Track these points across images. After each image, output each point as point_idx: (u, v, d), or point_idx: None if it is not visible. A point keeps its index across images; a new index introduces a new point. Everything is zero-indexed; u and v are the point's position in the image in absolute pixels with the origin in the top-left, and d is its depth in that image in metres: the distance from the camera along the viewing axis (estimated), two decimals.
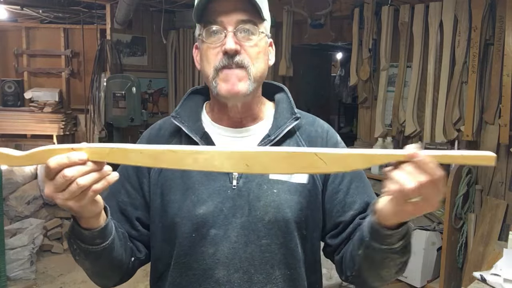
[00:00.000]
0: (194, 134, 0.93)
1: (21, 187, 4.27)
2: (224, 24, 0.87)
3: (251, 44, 0.89)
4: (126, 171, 0.97)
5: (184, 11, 4.65)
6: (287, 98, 1.01)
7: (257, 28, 0.90)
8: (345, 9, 3.38)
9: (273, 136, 0.93)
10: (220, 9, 0.88)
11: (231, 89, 0.87)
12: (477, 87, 2.58)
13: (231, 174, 0.92)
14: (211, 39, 0.89)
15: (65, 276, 3.62)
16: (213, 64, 0.88)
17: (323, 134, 1.00)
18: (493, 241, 2.46)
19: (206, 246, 0.89)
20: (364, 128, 3.33)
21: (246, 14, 0.88)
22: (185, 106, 0.99)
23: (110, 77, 4.22)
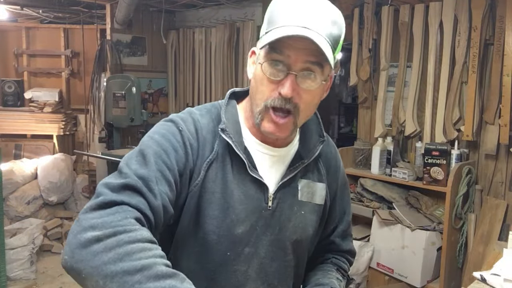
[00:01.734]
0: (241, 153, 0.91)
1: (21, 187, 4.27)
2: (290, 60, 0.82)
3: (310, 91, 0.85)
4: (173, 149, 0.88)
5: (184, 11, 4.65)
6: (316, 118, 1.02)
7: (322, 72, 0.85)
8: (345, 9, 3.38)
9: (306, 159, 0.98)
10: (292, 43, 0.81)
11: (274, 132, 0.88)
12: (477, 87, 2.58)
13: (267, 194, 0.95)
14: (272, 71, 0.84)
15: (65, 276, 3.62)
16: (266, 98, 0.86)
17: (335, 155, 1.09)
18: (493, 241, 2.46)
19: (240, 264, 0.93)
20: (364, 128, 3.33)
21: (316, 56, 0.82)
22: (228, 115, 0.94)
23: (110, 77, 4.22)
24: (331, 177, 1.05)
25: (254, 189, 0.93)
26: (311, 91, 0.86)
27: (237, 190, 0.92)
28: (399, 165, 2.85)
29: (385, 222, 2.77)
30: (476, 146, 2.69)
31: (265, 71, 0.84)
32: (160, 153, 0.85)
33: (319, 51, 0.81)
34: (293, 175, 0.96)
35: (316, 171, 1.02)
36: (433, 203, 2.86)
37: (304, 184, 0.99)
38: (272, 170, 0.96)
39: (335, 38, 0.85)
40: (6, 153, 4.55)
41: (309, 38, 0.79)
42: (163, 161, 0.85)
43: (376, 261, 2.85)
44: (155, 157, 0.84)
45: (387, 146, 2.95)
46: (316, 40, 0.79)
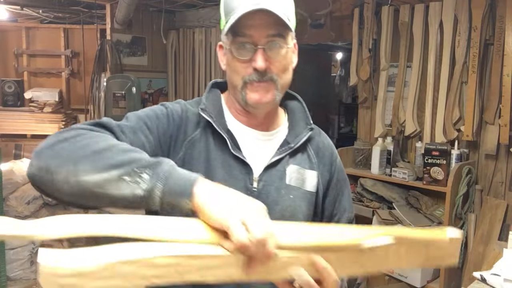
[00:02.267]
0: (222, 131, 0.95)
1: (21, 187, 4.27)
2: (254, 38, 0.89)
3: (280, 59, 0.92)
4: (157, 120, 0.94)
5: (184, 11, 4.65)
6: (302, 107, 1.07)
7: (285, 40, 0.92)
8: (345, 9, 3.38)
9: (292, 143, 1.00)
10: (250, 22, 0.88)
11: (260, 100, 0.92)
12: (477, 87, 2.58)
13: (252, 175, 0.96)
14: (240, 53, 0.90)
15: None
16: (242, 76, 0.92)
17: (328, 147, 1.08)
18: (493, 241, 2.46)
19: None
20: (364, 128, 3.33)
21: (275, 28, 0.89)
22: (209, 100, 1.01)
23: (110, 77, 4.22)
24: (323, 167, 1.05)
25: (238, 169, 0.95)
26: (281, 59, 0.92)
27: (220, 169, 0.94)
28: (399, 165, 2.85)
29: (385, 222, 2.77)
30: (476, 146, 2.69)
31: (235, 54, 0.91)
32: (142, 116, 0.93)
33: (276, 22, 0.88)
34: (280, 158, 0.98)
35: (307, 158, 1.03)
36: (433, 203, 2.86)
37: (293, 170, 0.99)
38: (259, 153, 0.98)
39: (286, 7, 0.90)
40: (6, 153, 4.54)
41: (263, 9, 0.85)
42: (144, 121, 0.92)
43: None
44: (136, 117, 0.93)
45: (387, 146, 2.95)
46: (270, 9, 0.85)
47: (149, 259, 0.58)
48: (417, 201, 2.83)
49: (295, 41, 0.99)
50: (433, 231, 0.81)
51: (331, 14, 3.46)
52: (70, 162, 0.71)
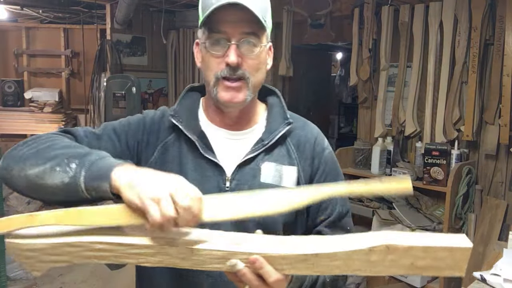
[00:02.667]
0: (191, 133, 0.97)
1: None
2: (228, 35, 0.90)
3: (253, 57, 0.92)
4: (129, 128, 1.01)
5: (184, 11, 4.65)
6: (280, 102, 1.06)
7: (260, 39, 0.93)
8: (345, 9, 3.38)
9: (266, 141, 0.99)
10: (226, 18, 0.90)
11: (231, 100, 0.93)
12: (477, 87, 2.58)
13: (224, 175, 0.96)
14: (214, 48, 0.92)
15: (65, 276, 3.62)
16: (215, 72, 0.92)
17: (311, 139, 1.04)
18: (493, 241, 2.46)
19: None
20: (364, 128, 3.33)
21: (250, 26, 0.91)
22: (182, 104, 1.03)
23: (110, 77, 4.22)
24: (304, 161, 1.02)
25: (211, 171, 0.96)
26: (254, 57, 0.93)
27: (193, 172, 0.95)
28: (399, 165, 2.85)
29: (385, 222, 2.77)
30: (476, 146, 2.69)
31: (209, 49, 0.92)
32: (114, 124, 1.01)
33: (250, 20, 0.89)
34: (253, 156, 0.98)
35: (286, 154, 1.01)
36: (433, 203, 2.86)
37: (269, 166, 0.98)
38: (232, 152, 0.99)
39: (262, 7, 0.92)
40: None
41: (236, 3, 0.86)
42: (113, 128, 0.99)
43: None
44: (106, 125, 1.00)
45: (387, 146, 2.95)
46: (244, 4, 0.87)
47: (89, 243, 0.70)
48: (417, 201, 2.83)
49: (271, 44, 1.00)
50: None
51: (331, 14, 3.46)
52: (21, 160, 0.83)
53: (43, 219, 0.72)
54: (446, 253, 0.71)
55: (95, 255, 0.72)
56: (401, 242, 0.71)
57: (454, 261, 0.71)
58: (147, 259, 0.72)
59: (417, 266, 0.72)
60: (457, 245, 0.71)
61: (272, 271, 0.72)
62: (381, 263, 0.72)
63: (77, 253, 0.71)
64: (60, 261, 0.72)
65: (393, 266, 0.72)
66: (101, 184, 0.76)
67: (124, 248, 0.72)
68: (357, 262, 0.72)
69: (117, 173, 0.75)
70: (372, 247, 0.71)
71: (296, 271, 0.74)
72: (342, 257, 0.72)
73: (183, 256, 0.73)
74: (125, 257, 0.72)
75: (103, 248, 0.71)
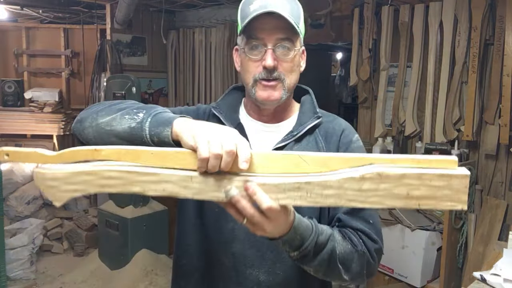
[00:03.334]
0: (229, 124, 1.06)
1: (21, 187, 4.27)
2: (265, 41, 0.99)
3: (287, 60, 1.01)
4: None
5: (184, 11, 4.65)
6: (311, 99, 1.16)
7: (293, 44, 1.01)
8: (345, 9, 3.38)
9: (295, 132, 1.07)
10: (262, 26, 0.99)
11: (268, 98, 1.02)
12: (477, 87, 2.58)
13: None
14: (252, 53, 1.01)
15: (65, 276, 3.62)
16: (253, 74, 1.02)
17: (339, 131, 1.10)
18: (493, 241, 2.46)
19: (226, 221, 1.02)
20: (364, 128, 3.33)
21: (285, 32, 0.99)
22: (225, 100, 1.15)
23: (110, 77, 4.22)
24: (329, 151, 1.07)
25: None
26: (289, 60, 1.01)
27: None
28: None
29: (385, 222, 2.77)
30: (476, 146, 2.69)
31: (247, 54, 1.01)
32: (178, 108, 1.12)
33: (285, 26, 0.98)
34: (283, 145, 1.05)
35: (314, 144, 1.08)
36: None
37: None
38: (265, 142, 1.07)
39: (294, 13, 1.00)
40: None
41: (271, 12, 0.95)
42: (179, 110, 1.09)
43: None
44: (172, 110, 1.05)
45: (387, 146, 2.95)
46: (279, 12, 0.95)
47: (102, 171, 0.77)
48: None
49: (304, 48, 1.08)
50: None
51: (331, 14, 3.46)
52: (94, 112, 0.94)
53: (106, 154, 0.78)
54: (442, 181, 0.70)
55: (107, 183, 0.77)
56: (394, 169, 0.71)
57: (452, 191, 0.70)
58: (151, 187, 0.77)
59: (414, 196, 0.71)
60: (453, 172, 0.70)
61: (266, 198, 0.74)
62: (375, 192, 0.72)
63: (93, 181, 0.77)
64: (78, 190, 0.78)
65: (388, 196, 0.72)
66: (164, 129, 0.82)
67: (131, 175, 0.77)
68: (349, 191, 0.72)
69: (179, 121, 0.83)
70: (363, 174, 0.71)
71: (290, 201, 0.75)
72: (334, 185, 0.72)
73: (185, 184, 0.76)
74: (131, 184, 0.77)
75: (113, 176, 0.77)
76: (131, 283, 3.34)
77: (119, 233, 3.57)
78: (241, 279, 1.02)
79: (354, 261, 0.95)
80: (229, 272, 1.03)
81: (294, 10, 1.01)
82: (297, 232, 0.84)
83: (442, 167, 0.71)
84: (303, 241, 0.85)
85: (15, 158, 0.79)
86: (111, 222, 3.63)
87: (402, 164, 0.72)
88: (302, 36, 1.05)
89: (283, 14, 0.96)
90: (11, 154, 0.79)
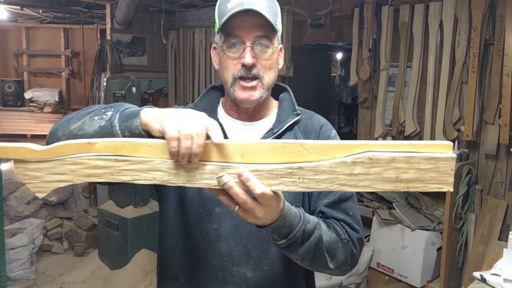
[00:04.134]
0: None
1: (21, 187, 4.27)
2: (243, 38, 0.99)
3: (266, 57, 1.01)
4: None
5: (184, 11, 4.65)
6: (289, 96, 1.15)
7: (271, 42, 1.02)
8: (345, 9, 3.38)
9: (276, 129, 1.07)
10: (240, 24, 0.99)
11: (247, 98, 1.02)
12: (477, 87, 2.58)
13: None
14: (230, 51, 1.01)
15: (65, 276, 3.62)
16: (232, 72, 1.01)
17: (317, 127, 1.12)
18: (493, 241, 2.46)
19: (211, 222, 1.02)
20: (364, 128, 3.33)
21: (262, 29, 1.00)
22: (203, 100, 1.15)
23: (110, 77, 4.22)
24: None
25: None
26: (267, 57, 1.02)
27: None
28: None
29: (385, 222, 2.77)
30: (476, 146, 2.69)
31: (226, 52, 1.01)
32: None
33: (263, 24, 0.98)
34: None
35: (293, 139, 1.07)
36: (433, 203, 2.86)
37: None
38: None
39: (272, 10, 1.00)
40: None
41: (249, 10, 0.95)
42: None
43: (376, 261, 2.85)
44: None
45: None
46: (257, 10, 0.96)
47: (88, 160, 0.75)
48: (417, 201, 2.83)
49: (282, 45, 1.09)
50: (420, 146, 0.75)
51: (331, 14, 3.46)
52: (64, 122, 0.91)
53: (100, 147, 0.76)
54: (429, 164, 0.72)
55: (94, 172, 0.76)
56: (384, 154, 0.73)
57: (439, 173, 0.72)
58: (141, 176, 0.76)
59: (403, 179, 0.73)
60: (439, 155, 0.72)
61: (259, 184, 0.75)
62: (366, 176, 0.74)
63: (78, 171, 0.76)
64: (63, 180, 0.76)
65: (378, 179, 0.73)
66: (133, 121, 0.82)
67: (120, 164, 0.75)
68: (341, 175, 0.74)
69: (146, 110, 0.83)
70: (355, 158, 0.73)
71: (283, 187, 0.76)
72: (326, 170, 0.74)
73: (175, 171, 0.76)
74: (120, 173, 0.76)
75: (100, 165, 0.75)
76: (131, 283, 3.34)
77: (119, 233, 3.57)
78: (229, 278, 1.02)
79: (339, 250, 0.97)
80: (216, 271, 1.03)
81: (272, 7, 1.01)
82: (286, 219, 0.85)
83: (437, 151, 0.73)
84: (292, 229, 0.86)
85: (2, 154, 0.75)
86: (111, 222, 3.63)
87: (397, 149, 0.74)
88: (280, 33, 1.05)
89: (261, 12, 0.96)
90: None
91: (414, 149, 0.73)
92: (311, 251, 0.91)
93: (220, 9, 1.02)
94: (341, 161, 0.74)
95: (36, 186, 0.77)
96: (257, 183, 0.75)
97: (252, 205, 0.77)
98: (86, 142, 0.76)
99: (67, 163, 0.76)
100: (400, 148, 0.74)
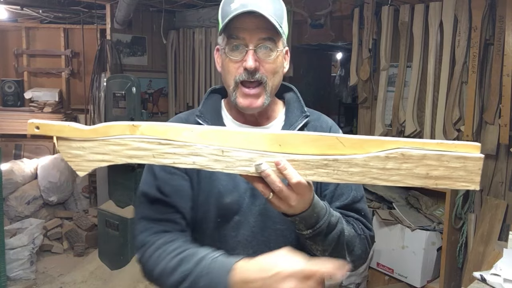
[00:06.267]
0: None
1: (21, 187, 4.27)
2: (246, 41, 0.96)
3: (270, 61, 0.98)
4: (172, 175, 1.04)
5: (184, 11, 4.65)
6: (297, 97, 1.14)
7: (276, 45, 0.98)
8: (345, 9, 3.38)
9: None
10: (243, 26, 0.95)
11: (249, 105, 0.99)
12: (477, 87, 2.58)
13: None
14: (233, 53, 0.98)
15: (65, 276, 3.62)
16: (234, 76, 0.98)
17: (326, 129, 1.12)
18: (493, 241, 2.46)
19: (229, 230, 1.02)
20: (364, 128, 3.33)
21: (266, 32, 0.96)
22: (206, 105, 1.10)
23: (110, 77, 4.22)
24: None
25: None
26: (271, 61, 0.98)
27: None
28: None
29: (385, 222, 2.77)
30: None
31: (228, 54, 0.98)
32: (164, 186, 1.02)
33: (267, 26, 0.94)
34: None
35: None
36: (433, 203, 2.86)
37: None
38: None
39: (277, 13, 0.97)
40: (6, 153, 4.55)
41: (252, 11, 0.92)
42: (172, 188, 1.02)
43: (376, 261, 2.85)
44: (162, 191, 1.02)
45: None
46: (260, 12, 0.92)
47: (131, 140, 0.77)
48: (417, 201, 2.83)
49: (287, 48, 1.05)
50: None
51: (331, 14, 3.46)
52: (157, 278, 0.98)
53: (144, 130, 0.78)
54: (458, 163, 0.75)
55: (135, 154, 0.77)
56: (416, 150, 0.76)
57: (467, 172, 0.75)
58: (181, 159, 0.78)
59: (432, 176, 0.76)
60: (469, 155, 0.75)
61: (295, 173, 0.78)
62: (397, 171, 0.77)
63: (121, 151, 0.77)
64: (105, 160, 0.78)
65: (409, 175, 0.77)
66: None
67: (162, 147, 0.77)
68: (374, 169, 0.77)
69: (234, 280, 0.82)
70: (388, 153, 0.76)
71: (317, 177, 0.79)
72: (360, 163, 0.77)
73: (215, 157, 0.78)
74: (162, 156, 0.78)
75: (143, 147, 0.77)
76: (131, 283, 3.34)
77: (119, 233, 3.57)
78: None
79: (357, 244, 1.01)
80: None
81: (277, 10, 0.98)
82: (314, 210, 0.87)
83: (466, 151, 0.76)
84: (318, 219, 0.89)
85: (47, 131, 0.77)
86: (111, 222, 3.63)
87: (429, 147, 0.77)
88: (286, 36, 1.02)
89: (265, 14, 0.93)
90: (41, 127, 0.76)
91: (444, 148, 0.76)
92: (333, 243, 0.94)
93: (223, 9, 0.99)
94: (375, 156, 0.77)
95: (78, 164, 0.78)
96: (294, 172, 0.78)
97: (287, 193, 0.80)
98: (131, 124, 0.78)
99: (110, 143, 0.77)
100: (429, 146, 0.77)
